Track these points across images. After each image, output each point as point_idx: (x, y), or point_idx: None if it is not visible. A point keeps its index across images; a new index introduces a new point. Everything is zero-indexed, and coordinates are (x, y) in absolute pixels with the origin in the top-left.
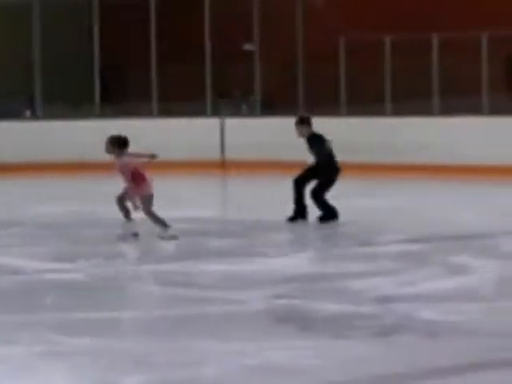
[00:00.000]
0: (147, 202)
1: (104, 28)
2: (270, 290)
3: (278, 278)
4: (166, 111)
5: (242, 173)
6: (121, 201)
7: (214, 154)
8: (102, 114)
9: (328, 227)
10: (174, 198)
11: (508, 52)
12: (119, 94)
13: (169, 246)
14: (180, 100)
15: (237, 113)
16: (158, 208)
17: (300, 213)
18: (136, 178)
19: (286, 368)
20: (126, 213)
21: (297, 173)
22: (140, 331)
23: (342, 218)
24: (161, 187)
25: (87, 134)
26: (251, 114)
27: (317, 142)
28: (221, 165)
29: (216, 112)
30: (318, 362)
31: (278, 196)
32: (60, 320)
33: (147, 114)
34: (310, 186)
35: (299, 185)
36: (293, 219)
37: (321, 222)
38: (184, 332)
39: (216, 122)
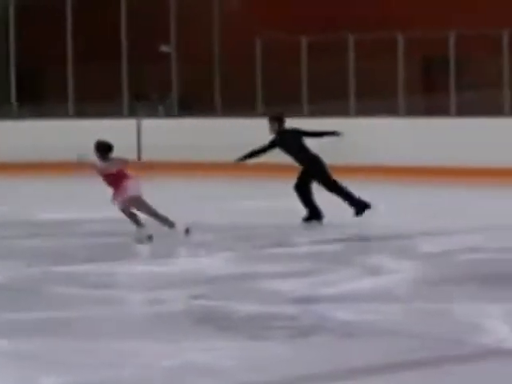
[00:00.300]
0: (137, 204)
1: (20, 28)
2: (189, 291)
3: (197, 278)
4: (83, 112)
5: (159, 174)
6: (125, 210)
7: (131, 156)
8: (19, 115)
9: (244, 228)
10: (92, 199)
11: (423, 53)
12: (36, 95)
13: (87, 248)
14: (96, 101)
15: (154, 114)
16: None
17: (314, 214)
18: (115, 183)
19: (205, 369)
20: (135, 219)
21: (209, 173)
22: (59, 332)
23: (259, 219)
24: (79, 189)
25: (4, 135)
26: (168, 115)
27: (286, 139)
28: (137, 166)
29: (133, 113)
30: (235, 362)
31: (195, 197)
32: None
33: (64, 114)
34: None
35: (301, 189)
36: (307, 219)
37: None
38: (103, 333)
39: (133, 123)
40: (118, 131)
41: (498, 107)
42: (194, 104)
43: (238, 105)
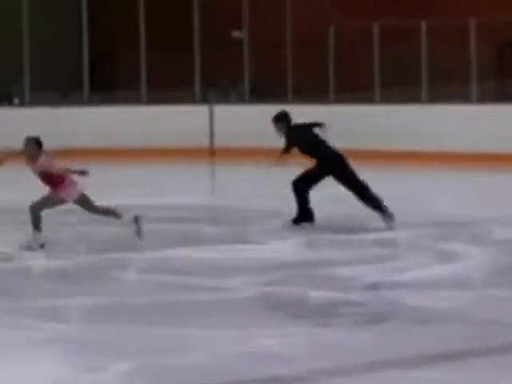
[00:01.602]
0: (82, 203)
1: (93, 15)
2: (260, 278)
3: (268, 265)
4: (155, 98)
5: (231, 160)
6: (35, 210)
7: (203, 142)
8: (91, 102)
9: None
10: (163, 185)
11: (496, 39)
12: (108, 82)
13: (153, 234)
14: (169, 87)
15: (225, 100)
16: (145, 196)
17: (305, 217)
18: (53, 181)
19: (275, 355)
20: (36, 223)
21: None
22: (126, 319)
23: (329, 205)
24: (150, 175)
25: (76, 121)
26: (240, 101)
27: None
28: (210, 152)
29: (205, 99)
30: (305, 349)
31: (266, 183)
32: (45, 307)
33: (136, 101)
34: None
35: (299, 187)
36: (297, 221)
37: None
38: (174, 319)
39: (205, 109)
40: (190, 117)
41: None
42: (265, 90)
43: (309, 91)
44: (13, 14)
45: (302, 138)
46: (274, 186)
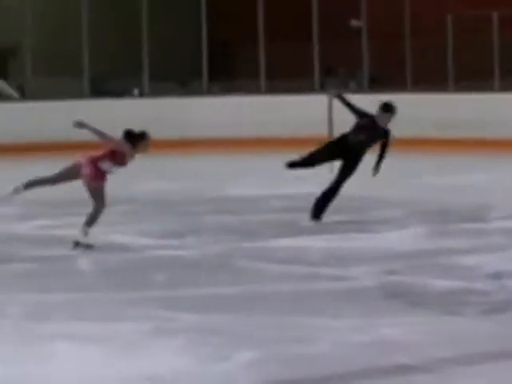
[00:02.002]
0: None
1: (212, 5)
2: (381, 267)
3: (389, 254)
4: (274, 88)
5: None
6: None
7: (322, 131)
8: (210, 91)
9: (435, 203)
10: (280, 175)
11: None
12: (227, 71)
13: (275, 223)
14: (287, 76)
15: (344, 89)
16: (265, 186)
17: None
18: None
19: (398, 344)
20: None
21: (406, 148)
22: (248, 308)
23: (449, 194)
24: (268, 164)
25: (194, 111)
26: (359, 90)
27: None
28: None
29: (323, 89)
30: (428, 338)
31: (387, 172)
32: (170, 297)
33: (255, 90)
34: None
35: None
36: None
37: None
38: (295, 308)
39: (323, 98)
40: (309, 107)
41: None
42: (384, 79)
43: (428, 80)
44: (132, 5)
45: None
46: (394, 174)
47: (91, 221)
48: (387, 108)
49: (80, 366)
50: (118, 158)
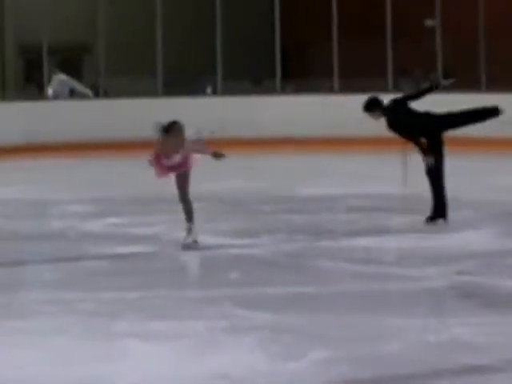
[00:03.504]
0: None
1: (285, 3)
2: (453, 267)
3: (461, 254)
4: (347, 87)
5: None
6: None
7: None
8: (284, 90)
9: (508, 204)
10: (355, 174)
11: None
12: (300, 70)
13: (349, 223)
14: (361, 76)
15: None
16: (339, 186)
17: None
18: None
19: (471, 344)
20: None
21: (479, 148)
22: (321, 307)
23: None
24: (341, 163)
25: (269, 110)
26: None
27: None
28: (403, 141)
29: (397, 88)
30: (502, 339)
31: (459, 172)
32: (242, 295)
33: (328, 90)
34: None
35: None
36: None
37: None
38: (366, 308)
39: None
40: None
41: None
42: (458, 79)
43: (503, 80)
44: (207, 3)
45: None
46: (468, 174)
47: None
48: None
49: (153, 364)
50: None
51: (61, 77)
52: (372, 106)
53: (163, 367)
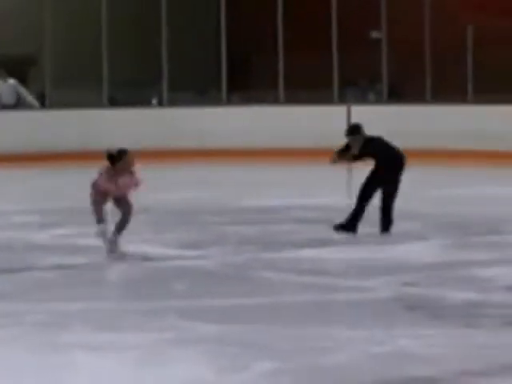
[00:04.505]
0: None
1: (231, 15)
2: (398, 278)
3: (408, 265)
4: (293, 98)
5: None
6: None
7: (341, 142)
8: (229, 101)
9: (454, 216)
10: (300, 186)
11: None
12: (246, 82)
13: (295, 234)
14: (306, 87)
15: (363, 100)
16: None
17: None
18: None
19: (416, 356)
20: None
21: (425, 160)
22: (267, 318)
23: (468, 206)
24: (286, 175)
25: (214, 121)
26: (378, 101)
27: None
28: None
29: (342, 99)
30: (447, 350)
31: (407, 184)
32: (188, 307)
33: (274, 101)
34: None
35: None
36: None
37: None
38: (313, 319)
39: (342, 109)
40: (328, 117)
41: None
42: (403, 90)
43: (448, 91)
44: (152, 14)
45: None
46: (414, 186)
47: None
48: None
49: (98, 375)
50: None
51: (11, 81)
52: (354, 131)
53: (107, 379)
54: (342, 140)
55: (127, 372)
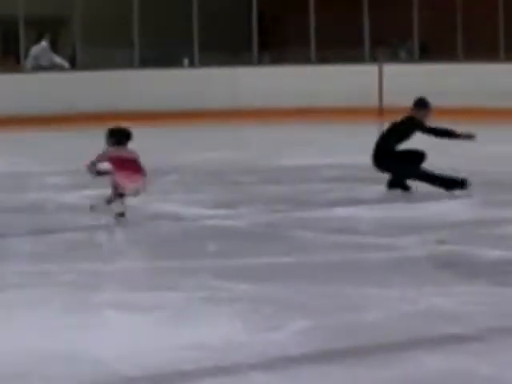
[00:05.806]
0: None
1: None
2: (430, 236)
3: (438, 224)
4: (324, 58)
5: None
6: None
7: (372, 101)
8: (260, 61)
9: (486, 174)
10: (331, 145)
11: None
12: (277, 41)
13: (326, 193)
14: (338, 46)
15: (395, 59)
16: (316, 156)
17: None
18: None
19: (446, 314)
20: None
21: (455, 118)
22: (300, 277)
23: (499, 164)
24: (317, 134)
25: (246, 81)
26: (409, 60)
27: None
28: (379, 112)
29: (374, 58)
30: (477, 308)
31: (437, 143)
32: (221, 266)
33: (305, 60)
34: None
35: None
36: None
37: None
38: (344, 278)
39: (374, 68)
40: (359, 77)
41: None
42: (435, 48)
43: (480, 50)
44: None
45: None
46: (447, 143)
47: None
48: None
49: (131, 335)
50: None
51: (43, 43)
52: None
53: (141, 338)
54: (374, 99)
55: (159, 331)
